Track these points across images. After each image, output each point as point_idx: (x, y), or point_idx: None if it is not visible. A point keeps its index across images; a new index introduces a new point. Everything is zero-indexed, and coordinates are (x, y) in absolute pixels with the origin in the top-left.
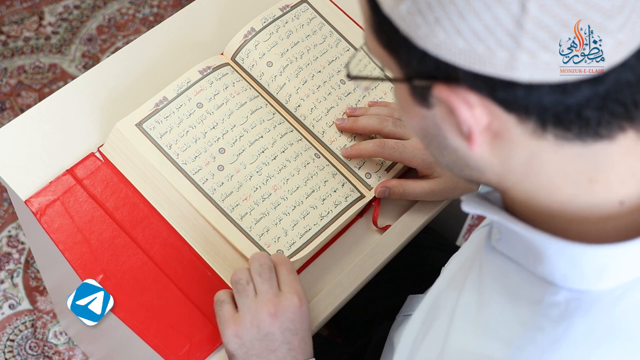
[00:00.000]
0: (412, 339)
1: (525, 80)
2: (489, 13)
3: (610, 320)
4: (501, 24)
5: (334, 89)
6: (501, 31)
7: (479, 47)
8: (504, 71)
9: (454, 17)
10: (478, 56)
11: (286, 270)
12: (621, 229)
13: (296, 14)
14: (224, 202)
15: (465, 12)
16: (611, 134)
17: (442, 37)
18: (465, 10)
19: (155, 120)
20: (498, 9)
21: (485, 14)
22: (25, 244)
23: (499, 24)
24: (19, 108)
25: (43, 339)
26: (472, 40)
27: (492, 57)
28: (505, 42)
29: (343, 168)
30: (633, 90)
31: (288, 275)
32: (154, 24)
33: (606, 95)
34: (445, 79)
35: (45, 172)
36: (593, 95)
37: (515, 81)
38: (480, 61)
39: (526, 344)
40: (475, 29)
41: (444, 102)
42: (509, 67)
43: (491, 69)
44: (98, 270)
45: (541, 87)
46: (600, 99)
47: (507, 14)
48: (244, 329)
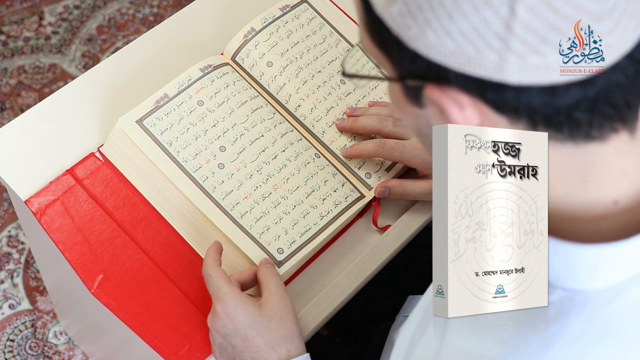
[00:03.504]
0: (408, 339)
1: (515, 83)
2: (478, 15)
3: (604, 319)
4: (490, 27)
5: (334, 89)
6: (490, 34)
7: (469, 49)
8: (493, 73)
9: (443, 19)
10: (468, 58)
11: (206, 283)
12: (615, 228)
13: (296, 14)
14: (224, 200)
15: (454, 14)
16: (603, 135)
17: (432, 39)
18: (454, 12)
19: (156, 117)
20: (487, 11)
21: (474, 16)
22: (25, 244)
23: (488, 26)
24: (19, 108)
25: (43, 339)
26: (462, 42)
27: (481, 59)
28: (495, 45)
29: (343, 168)
30: (624, 91)
31: (210, 286)
32: (154, 24)
33: (596, 97)
34: (436, 80)
35: (45, 172)
36: (583, 97)
37: (504, 83)
38: (470, 63)
39: (520, 343)
40: (465, 31)
41: (435, 103)
42: (498, 69)
43: (481, 70)
44: (98, 270)
45: (530, 89)
46: (590, 101)
47: (495, 17)
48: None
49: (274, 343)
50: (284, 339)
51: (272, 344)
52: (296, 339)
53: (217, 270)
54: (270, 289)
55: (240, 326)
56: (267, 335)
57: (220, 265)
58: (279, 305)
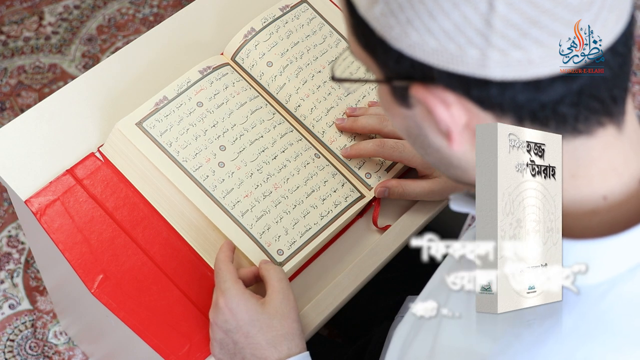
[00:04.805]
0: (403, 339)
1: (498, 78)
2: (458, 12)
3: (596, 315)
4: (470, 23)
5: (334, 89)
6: (471, 30)
7: (451, 46)
8: (476, 69)
9: (424, 17)
10: (450, 55)
11: (215, 276)
12: (606, 223)
13: (296, 14)
14: (225, 199)
15: (435, 11)
16: (590, 129)
17: (415, 38)
18: (434, 9)
19: (155, 119)
20: (466, 7)
21: (454, 13)
22: (25, 244)
23: (468, 22)
24: (19, 108)
25: (43, 339)
26: (444, 39)
27: (464, 56)
28: (476, 41)
29: (343, 168)
30: (609, 85)
31: (216, 279)
32: (154, 24)
33: (580, 91)
34: (421, 79)
35: (45, 172)
36: (567, 91)
37: (488, 79)
38: (453, 60)
39: (513, 339)
40: (446, 28)
41: (421, 102)
42: (480, 65)
43: (464, 67)
44: (98, 270)
45: (514, 84)
46: (574, 95)
47: (475, 13)
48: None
49: (275, 341)
50: (285, 337)
51: (273, 342)
52: (297, 337)
53: (227, 265)
54: (274, 285)
55: (242, 322)
56: (268, 333)
57: (232, 262)
58: (282, 303)
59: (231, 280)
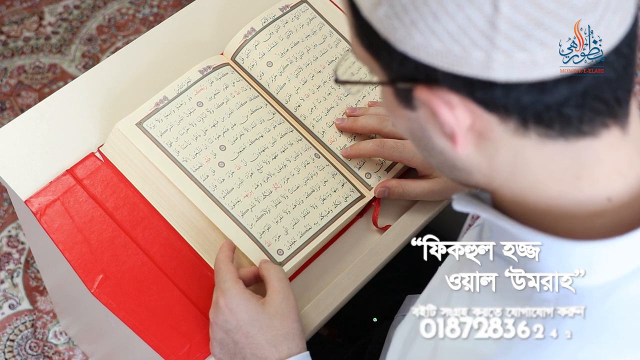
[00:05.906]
0: (403, 339)
1: (502, 80)
2: (462, 14)
3: (599, 316)
4: (475, 25)
5: (334, 89)
6: (475, 31)
7: (455, 47)
8: (480, 71)
9: (428, 18)
10: (455, 57)
11: (215, 276)
12: (609, 225)
13: (296, 14)
14: (225, 198)
15: (439, 13)
16: (594, 130)
17: (419, 39)
18: (438, 11)
19: (155, 119)
20: (471, 9)
21: (458, 14)
22: (25, 244)
23: (472, 24)
24: (19, 108)
25: (43, 339)
26: (448, 41)
27: (468, 58)
28: (480, 42)
29: (343, 168)
30: (613, 86)
31: (217, 278)
32: (154, 24)
33: (585, 92)
34: (425, 81)
35: (45, 172)
36: (571, 93)
37: (492, 81)
38: (457, 62)
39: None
40: (450, 30)
41: (425, 104)
42: (485, 67)
43: (468, 69)
44: (98, 270)
45: (519, 86)
46: (579, 96)
47: (479, 15)
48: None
49: (275, 341)
50: (285, 337)
51: (273, 342)
52: (297, 337)
53: (227, 265)
54: (274, 285)
55: (242, 322)
56: (268, 332)
57: (232, 262)
58: (282, 303)
59: (231, 280)
